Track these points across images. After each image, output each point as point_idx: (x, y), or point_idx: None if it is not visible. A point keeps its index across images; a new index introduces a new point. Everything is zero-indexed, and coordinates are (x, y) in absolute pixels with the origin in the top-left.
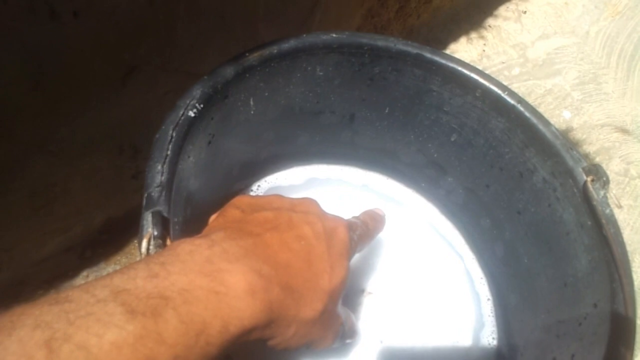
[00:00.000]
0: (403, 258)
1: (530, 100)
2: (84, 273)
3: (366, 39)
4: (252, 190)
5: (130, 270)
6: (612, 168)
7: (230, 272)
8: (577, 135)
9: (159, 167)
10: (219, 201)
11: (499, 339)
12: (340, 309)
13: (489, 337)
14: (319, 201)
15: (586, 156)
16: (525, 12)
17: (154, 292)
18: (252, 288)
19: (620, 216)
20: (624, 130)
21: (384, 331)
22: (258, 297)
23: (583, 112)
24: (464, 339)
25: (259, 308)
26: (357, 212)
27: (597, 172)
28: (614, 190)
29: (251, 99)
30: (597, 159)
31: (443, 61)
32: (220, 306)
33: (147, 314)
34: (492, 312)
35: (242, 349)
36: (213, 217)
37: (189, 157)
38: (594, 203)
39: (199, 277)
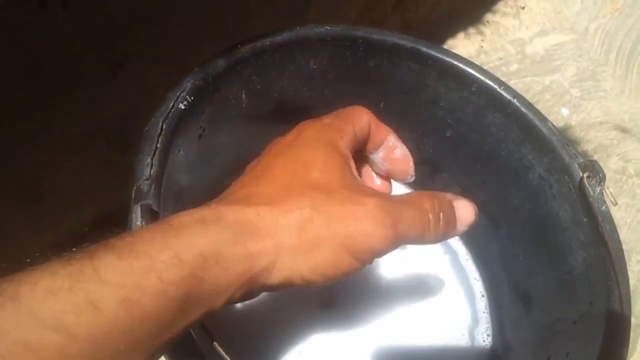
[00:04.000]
0: (395, 255)
1: (528, 97)
2: None
3: (361, 32)
4: None
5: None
6: (610, 166)
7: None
8: (575, 132)
9: (148, 160)
10: (211, 196)
11: (494, 336)
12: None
13: (484, 335)
14: None
15: (584, 154)
16: (523, 8)
17: (99, 245)
18: (203, 217)
19: (618, 214)
20: (622, 128)
21: (377, 329)
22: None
23: (581, 110)
24: (458, 337)
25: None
26: None
27: (593, 169)
28: (611, 189)
29: (243, 92)
30: (595, 157)
31: (439, 55)
32: (168, 238)
33: (85, 257)
34: (486, 309)
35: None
36: None
37: (179, 150)
38: (590, 200)
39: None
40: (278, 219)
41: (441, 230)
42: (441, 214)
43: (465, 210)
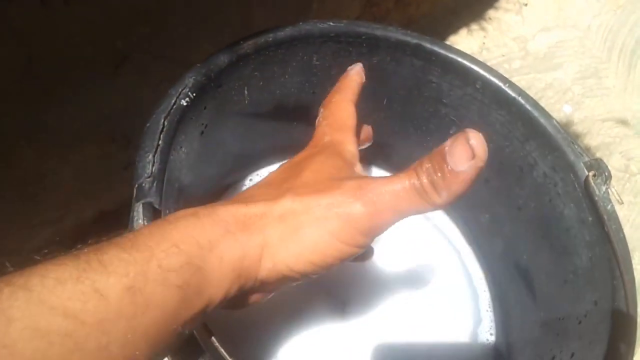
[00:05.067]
0: (398, 252)
1: (530, 94)
2: None
3: (364, 28)
4: (244, 185)
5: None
6: (613, 164)
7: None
8: (578, 130)
9: (150, 157)
10: (212, 193)
11: (497, 335)
12: None
13: (487, 333)
14: None
15: (586, 152)
16: (526, 5)
17: (104, 241)
18: (197, 212)
19: (620, 213)
20: (625, 126)
21: (379, 327)
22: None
23: (584, 107)
24: (461, 335)
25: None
26: None
27: (599, 167)
28: (614, 187)
29: (245, 89)
30: (598, 155)
31: (443, 52)
32: (166, 231)
33: (91, 251)
34: (489, 308)
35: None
36: None
37: (181, 147)
38: (596, 199)
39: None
40: (265, 213)
41: (435, 189)
42: (425, 174)
43: (459, 151)
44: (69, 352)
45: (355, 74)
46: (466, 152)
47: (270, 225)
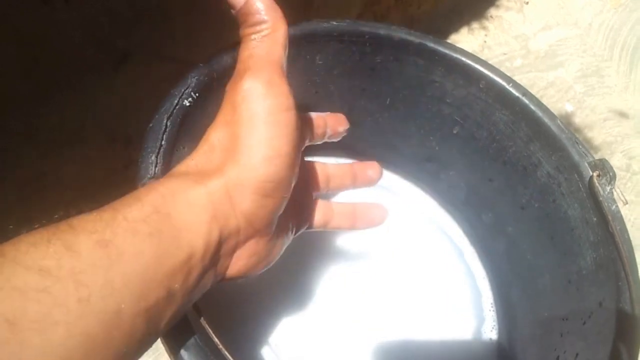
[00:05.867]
0: (401, 252)
1: (532, 92)
2: None
3: (367, 27)
4: None
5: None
6: (614, 163)
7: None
8: (579, 129)
9: (153, 158)
10: None
11: (500, 334)
12: None
13: (490, 332)
14: None
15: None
16: (527, 3)
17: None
18: (157, 179)
19: (622, 212)
20: (626, 125)
21: (383, 325)
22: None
23: (585, 106)
24: (464, 334)
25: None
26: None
27: (604, 168)
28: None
29: None
30: (599, 154)
31: (446, 51)
32: (130, 195)
33: (61, 222)
34: (492, 307)
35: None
36: None
37: (183, 147)
38: (600, 199)
39: None
40: (206, 153)
41: (262, 16)
42: (248, 27)
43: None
44: (49, 307)
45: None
46: None
47: (216, 159)
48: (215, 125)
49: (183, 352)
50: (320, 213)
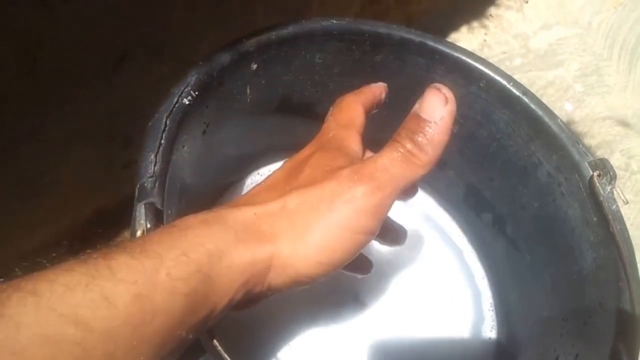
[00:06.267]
0: (400, 251)
1: (532, 91)
2: None
3: (368, 25)
4: (246, 183)
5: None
6: (613, 162)
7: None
8: (579, 128)
9: (152, 157)
10: (214, 192)
11: (499, 333)
12: None
13: (489, 332)
14: None
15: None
16: (527, 2)
17: (112, 246)
18: (206, 218)
19: (621, 211)
20: (626, 124)
21: (381, 325)
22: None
23: (585, 105)
24: (463, 333)
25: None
26: None
27: (604, 167)
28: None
29: (248, 87)
30: (599, 153)
31: (447, 50)
32: (175, 239)
33: (100, 257)
34: (491, 307)
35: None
36: None
37: (183, 146)
38: (600, 199)
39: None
40: (273, 216)
41: (420, 149)
42: (406, 140)
43: (434, 101)
44: (77, 359)
45: (377, 86)
46: (440, 99)
47: (278, 229)
48: (303, 158)
49: None
50: None
